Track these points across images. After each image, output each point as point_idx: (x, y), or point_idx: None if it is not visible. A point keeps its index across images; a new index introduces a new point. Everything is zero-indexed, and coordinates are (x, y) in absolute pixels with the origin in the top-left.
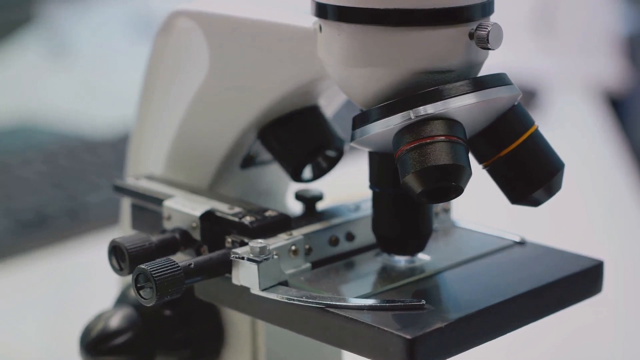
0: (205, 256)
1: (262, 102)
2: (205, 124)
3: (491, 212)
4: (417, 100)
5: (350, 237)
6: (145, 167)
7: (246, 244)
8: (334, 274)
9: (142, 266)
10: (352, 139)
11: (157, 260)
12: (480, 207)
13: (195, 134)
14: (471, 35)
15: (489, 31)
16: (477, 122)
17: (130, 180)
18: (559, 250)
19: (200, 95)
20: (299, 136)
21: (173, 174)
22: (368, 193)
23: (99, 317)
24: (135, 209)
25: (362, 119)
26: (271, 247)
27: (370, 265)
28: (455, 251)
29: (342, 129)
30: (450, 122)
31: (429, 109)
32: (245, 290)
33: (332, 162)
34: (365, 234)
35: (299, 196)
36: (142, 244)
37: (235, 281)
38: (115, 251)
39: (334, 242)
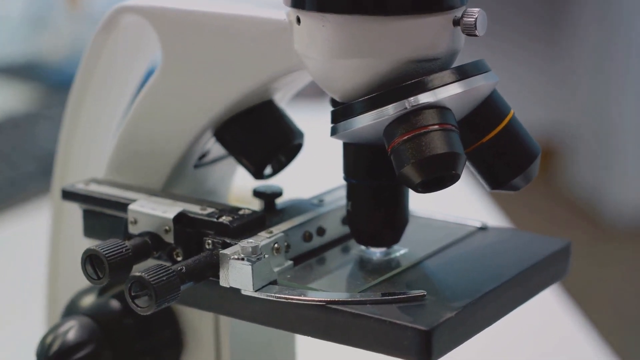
0: (193, 259)
1: (224, 100)
2: (159, 124)
3: None
4: (410, 90)
5: (321, 231)
6: (82, 171)
7: (228, 244)
8: (317, 270)
9: (137, 274)
10: (334, 132)
11: (150, 266)
12: None
13: (146, 134)
14: (455, 22)
15: (476, 18)
16: (462, 109)
17: (80, 185)
18: (524, 232)
19: (151, 94)
20: (261, 134)
21: (118, 177)
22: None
23: (55, 330)
24: (88, 215)
25: (345, 112)
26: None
27: (349, 259)
28: (426, 240)
29: None
30: (442, 110)
31: (424, 97)
32: (232, 292)
33: (291, 156)
34: (333, 228)
35: (258, 193)
36: (119, 251)
37: (223, 283)
38: (92, 260)
39: (308, 237)
